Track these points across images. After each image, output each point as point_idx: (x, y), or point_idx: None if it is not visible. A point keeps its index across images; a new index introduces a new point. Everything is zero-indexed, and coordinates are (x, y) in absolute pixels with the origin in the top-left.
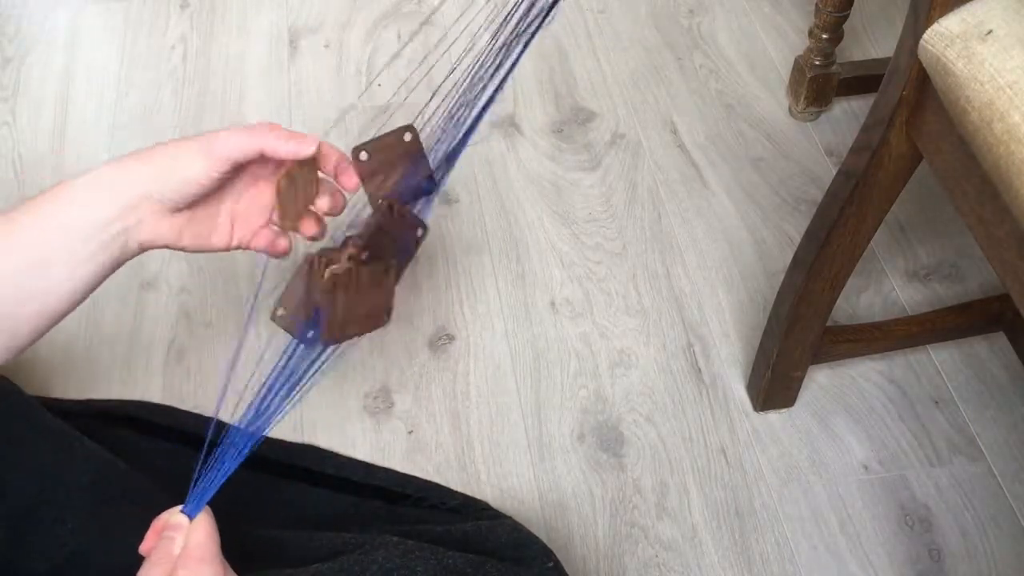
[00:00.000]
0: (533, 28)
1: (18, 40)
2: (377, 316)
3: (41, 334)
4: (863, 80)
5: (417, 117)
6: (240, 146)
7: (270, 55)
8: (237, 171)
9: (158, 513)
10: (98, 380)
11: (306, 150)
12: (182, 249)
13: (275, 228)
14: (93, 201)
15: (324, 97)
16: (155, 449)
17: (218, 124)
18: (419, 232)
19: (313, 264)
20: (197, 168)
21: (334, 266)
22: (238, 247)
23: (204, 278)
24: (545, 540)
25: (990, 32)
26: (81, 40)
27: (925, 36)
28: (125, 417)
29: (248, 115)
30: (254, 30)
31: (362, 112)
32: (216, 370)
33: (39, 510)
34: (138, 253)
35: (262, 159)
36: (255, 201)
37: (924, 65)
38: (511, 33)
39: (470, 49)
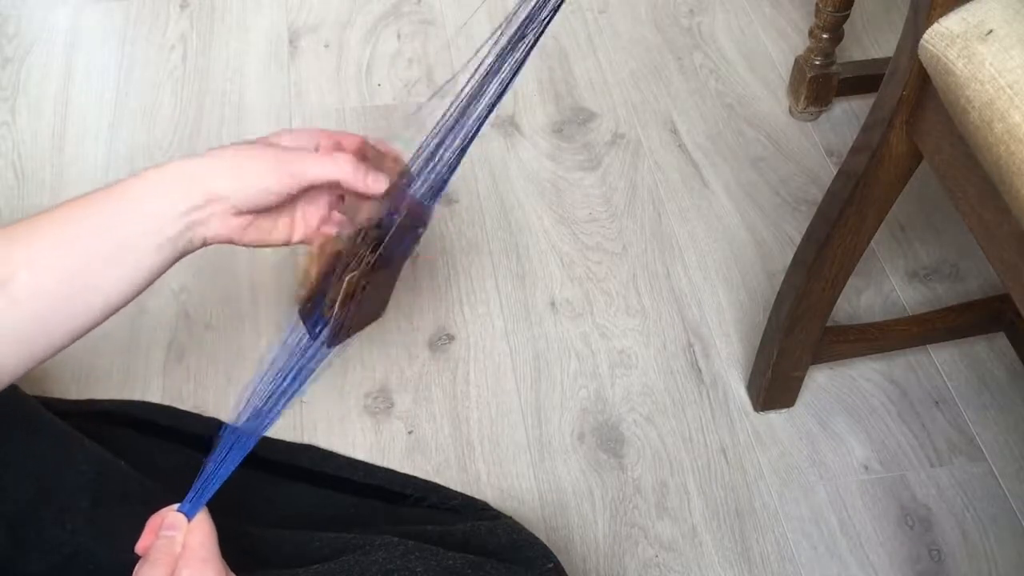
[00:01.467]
0: (533, 37)
1: (18, 40)
2: (376, 312)
3: (94, 326)
4: (863, 80)
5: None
6: (320, 174)
7: (270, 55)
8: None
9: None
10: (98, 380)
11: (378, 190)
12: (243, 244)
13: (338, 218)
14: (169, 193)
15: (324, 97)
16: (155, 449)
17: (218, 124)
18: (419, 231)
19: (335, 268)
20: (272, 184)
21: (352, 274)
22: (300, 242)
23: (204, 278)
24: (545, 540)
25: (990, 32)
26: (81, 40)
27: (925, 36)
28: (125, 417)
29: (248, 115)
30: (254, 30)
31: (362, 112)
32: (216, 370)
33: (39, 510)
34: (199, 248)
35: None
36: (316, 199)
37: (924, 65)
38: (511, 41)
39: (471, 59)
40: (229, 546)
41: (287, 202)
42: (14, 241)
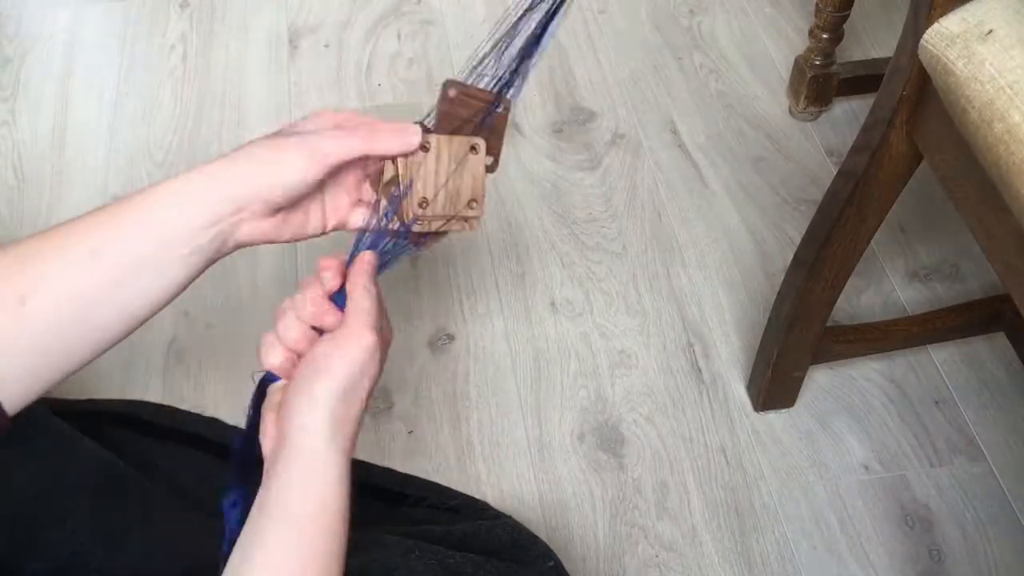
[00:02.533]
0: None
1: (18, 40)
2: (465, 211)
3: (120, 339)
4: (863, 80)
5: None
6: (347, 150)
7: (270, 55)
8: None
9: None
10: (98, 380)
11: (413, 141)
12: (280, 242)
13: (370, 199)
14: (195, 204)
15: (324, 97)
16: (155, 449)
17: (218, 124)
18: (500, 108)
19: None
20: (302, 172)
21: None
22: (335, 229)
23: (204, 278)
24: (545, 540)
25: (990, 32)
26: (81, 40)
27: (925, 36)
28: (125, 417)
29: (248, 115)
30: (254, 30)
31: (362, 112)
32: (216, 370)
33: (39, 510)
34: (232, 251)
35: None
36: (342, 184)
37: (924, 65)
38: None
39: (471, 59)
40: None
41: (316, 191)
42: (31, 256)
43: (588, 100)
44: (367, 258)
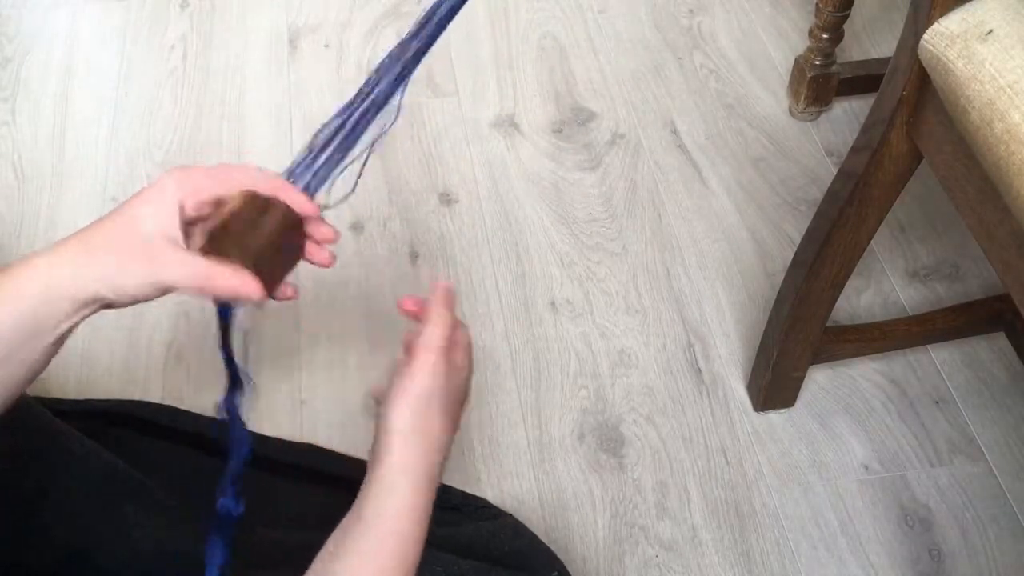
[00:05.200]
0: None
1: (18, 40)
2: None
3: None
4: (863, 80)
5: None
6: (189, 282)
7: (270, 55)
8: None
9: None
10: (98, 380)
11: (250, 296)
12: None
13: None
14: (35, 309)
15: (324, 97)
16: (155, 449)
17: (218, 124)
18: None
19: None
20: (141, 289)
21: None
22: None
23: None
24: (545, 540)
25: (990, 32)
26: (81, 40)
27: (925, 36)
28: (125, 417)
29: (248, 115)
30: (254, 30)
31: None
32: (216, 370)
33: (39, 510)
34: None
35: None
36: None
37: (924, 65)
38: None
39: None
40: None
41: None
42: None
43: (588, 100)
44: (443, 286)
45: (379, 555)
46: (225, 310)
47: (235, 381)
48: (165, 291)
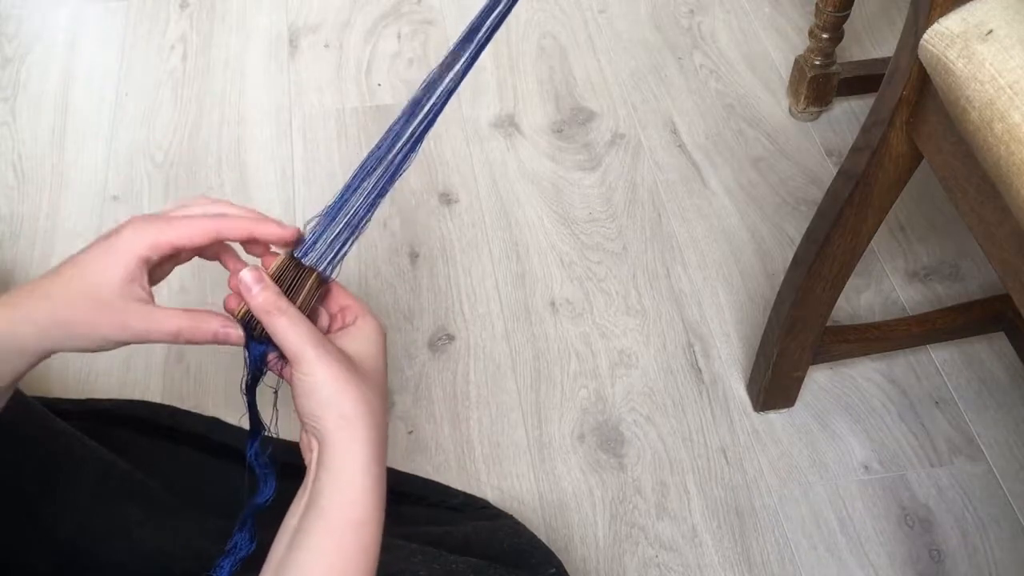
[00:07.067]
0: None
1: (18, 40)
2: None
3: None
4: (863, 80)
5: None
6: (158, 336)
7: (270, 55)
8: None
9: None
10: (98, 380)
11: (233, 336)
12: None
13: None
14: (21, 352)
15: (324, 97)
16: (155, 449)
17: (218, 124)
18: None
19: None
20: (97, 343)
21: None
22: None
23: (204, 278)
24: (545, 540)
25: (990, 32)
26: (81, 40)
27: (925, 36)
28: (125, 417)
29: (248, 115)
30: (254, 30)
31: (362, 112)
32: (216, 370)
33: (40, 510)
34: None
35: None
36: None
37: (924, 65)
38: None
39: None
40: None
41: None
42: None
43: (588, 100)
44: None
45: (340, 539)
46: (257, 354)
47: (257, 425)
48: (125, 344)
